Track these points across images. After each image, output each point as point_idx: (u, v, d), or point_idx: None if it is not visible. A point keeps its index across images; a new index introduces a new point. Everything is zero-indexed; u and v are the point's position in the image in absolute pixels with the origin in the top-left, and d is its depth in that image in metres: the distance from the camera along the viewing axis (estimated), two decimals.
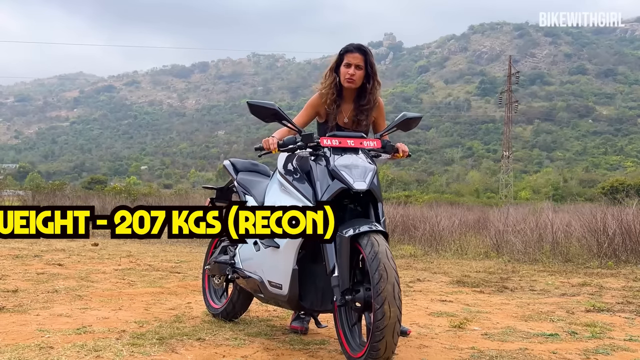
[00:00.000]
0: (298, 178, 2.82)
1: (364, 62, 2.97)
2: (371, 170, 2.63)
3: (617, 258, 6.98)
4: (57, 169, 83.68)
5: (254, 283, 3.00)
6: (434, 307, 4.18)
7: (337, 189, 2.58)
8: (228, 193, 3.75)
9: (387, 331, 2.28)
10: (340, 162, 2.63)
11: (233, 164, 3.63)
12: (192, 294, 4.57)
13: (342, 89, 3.04)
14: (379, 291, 2.29)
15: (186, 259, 7.07)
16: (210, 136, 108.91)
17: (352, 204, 2.71)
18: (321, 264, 2.64)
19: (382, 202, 2.72)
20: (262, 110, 2.77)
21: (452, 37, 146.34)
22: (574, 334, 3.33)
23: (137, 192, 21.33)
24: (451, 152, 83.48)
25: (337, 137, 2.73)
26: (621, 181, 34.28)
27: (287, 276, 2.68)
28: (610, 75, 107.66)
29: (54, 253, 7.15)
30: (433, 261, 7.42)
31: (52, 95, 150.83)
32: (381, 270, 2.31)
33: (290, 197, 2.81)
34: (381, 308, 2.28)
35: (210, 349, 2.82)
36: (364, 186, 2.57)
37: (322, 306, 2.74)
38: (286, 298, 2.72)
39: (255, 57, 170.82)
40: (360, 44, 3.01)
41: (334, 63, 3.03)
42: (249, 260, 3.09)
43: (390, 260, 2.36)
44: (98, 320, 3.41)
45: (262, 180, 3.42)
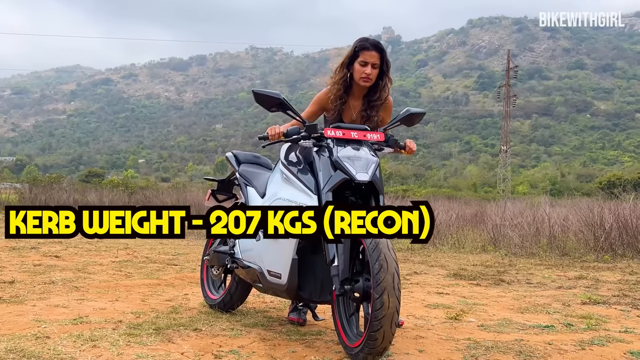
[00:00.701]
0: (301, 169, 2.80)
1: (380, 60, 2.88)
2: (374, 163, 2.62)
3: (613, 252, 7.01)
4: (54, 162, 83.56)
5: (253, 273, 3.00)
6: (430, 299, 4.19)
7: (340, 179, 2.58)
8: (230, 185, 3.73)
9: (385, 321, 2.27)
10: (343, 154, 2.61)
11: (235, 155, 3.63)
12: (189, 285, 4.57)
13: (351, 85, 2.96)
14: (379, 281, 2.28)
15: (183, 252, 7.08)
16: (208, 130, 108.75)
17: (353, 195, 2.69)
18: (321, 255, 2.62)
19: (384, 194, 2.69)
20: (267, 100, 2.74)
21: (451, 31, 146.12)
22: (569, 325, 3.34)
23: (134, 186, 21.29)
24: (449, 146, 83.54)
25: (341, 129, 2.70)
26: (618, 176, 34.38)
27: (286, 266, 2.68)
28: (608, 70, 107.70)
29: (50, 245, 7.14)
30: (430, 254, 7.44)
31: (50, 88, 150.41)
32: (381, 261, 2.31)
33: (292, 187, 2.79)
34: (380, 298, 2.27)
35: (206, 339, 2.83)
36: (366, 177, 2.55)
37: (320, 297, 2.73)
38: (285, 288, 2.72)
39: (253, 51, 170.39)
40: (377, 41, 2.90)
41: (347, 58, 2.91)
42: (249, 251, 3.09)
43: (391, 251, 2.36)
44: (95, 311, 3.41)
45: (264, 172, 3.41)
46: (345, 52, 2.99)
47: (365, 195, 2.69)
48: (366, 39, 2.91)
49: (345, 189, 2.64)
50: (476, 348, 2.79)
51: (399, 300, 2.32)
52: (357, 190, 2.66)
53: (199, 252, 7.05)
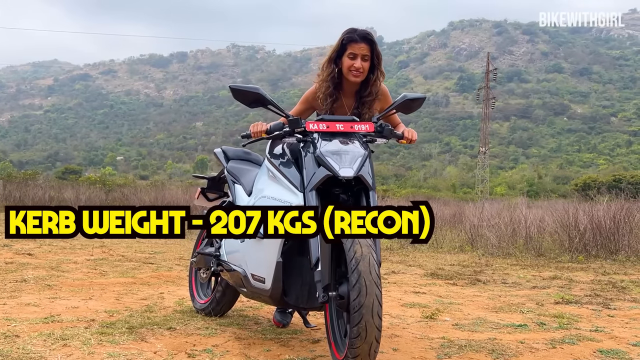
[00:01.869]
0: (286, 163, 2.63)
1: (370, 52, 2.66)
2: (360, 156, 2.41)
3: (587, 253, 7.13)
4: (30, 158, 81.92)
5: (237, 277, 2.81)
6: (407, 299, 4.22)
7: (323, 176, 2.39)
8: (220, 183, 3.57)
9: (365, 311, 2.08)
10: (327, 148, 2.41)
11: (224, 151, 3.44)
12: (165, 284, 4.52)
13: (341, 82, 2.74)
14: (353, 268, 2.13)
15: (160, 250, 7.00)
16: (188, 127, 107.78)
17: (344, 193, 2.49)
18: (308, 257, 2.41)
19: (375, 189, 2.47)
20: (246, 95, 2.57)
21: (432, 33, 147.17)
22: (542, 324, 3.39)
23: (112, 183, 21.00)
24: (429, 147, 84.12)
25: (325, 121, 2.51)
26: (593, 178, 35.03)
27: (270, 269, 2.50)
28: (585, 74, 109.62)
29: (24, 243, 7.00)
30: (409, 254, 7.48)
31: (26, 83, 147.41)
32: (356, 248, 2.17)
33: (278, 184, 2.63)
34: (356, 286, 2.11)
35: (180, 338, 2.80)
36: (350, 173, 2.35)
37: (307, 303, 2.55)
38: (269, 293, 2.53)
39: (235, 48, 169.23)
40: (366, 32, 2.66)
41: (334, 52, 2.68)
42: (234, 253, 2.91)
43: (368, 240, 2.20)
44: (67, 310, 3.35)
45: (253, 169, 3.22)
46: (329, 49, 2.77)
47: (356, 192, 2.48)
48: (354, 29, 2.68)
49: (334, 185, 2.45)
50: (450, 347, 2.81)
51: (379, 289, 2.13)
52: (347, 186, 2.47)
53: (176, 251, 6.98)
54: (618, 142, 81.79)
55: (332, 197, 2.47)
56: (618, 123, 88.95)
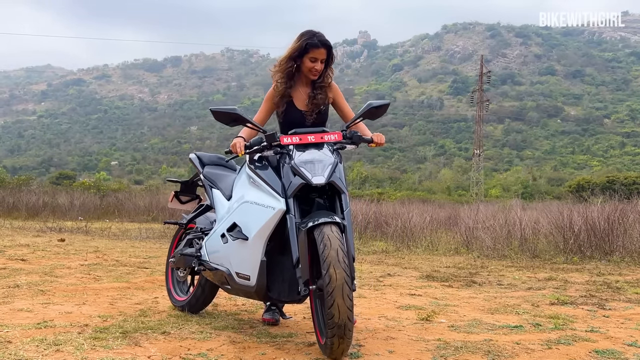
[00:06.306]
0: (267, 172, 2.84)
1: (327, 55, 3.01)
2: (331, 164, 2.69)
3: (582, 254, 7.15)
4: (23, 164, 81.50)
5: (221, 275, 3.01)
6: (402, 301, 4.21)
7: (298, 184, 2.66)
8: (193, 187, 3.73)
9: (336, 293, 2.34)
10: (301, 159, 2.69)
11: (199, 157, 3.61)
12: (160, 289, 4.49)
13: (294, 76, 3.06)
14: (325, 258, 2.40)
15: (155, 255, 6.97)
16: (183, 132, 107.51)
17: (320, 197, 2.77)
18: (288, 255, 2.69)
19: (347, 192, 2.76)
20: (225, 116, 2.83)
21: (426, 36, 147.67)
22: (537, 325, 3.39)
23: (106, 188, 20.95)
24: (424, 150, 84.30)
25: (298, 134, 2.79)
26: (587, 180, 35.15)
27: (255, 267, 2.73)
28: (578, 77, 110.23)
29: (17, 248, 6.96)
30: (404, 257, 7.48)
31: (19, 88, 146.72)
32: (325, 240, 2.43)
33: (259, 190, 2.83)
34: (327, 272, 2.37)
35: (174, 343, 2.78)
36: (322, 180, 2.64)
37: (288, 296, 2.79)
38: (254, 289, 2.76)
39: (229, 53, 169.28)
40: (325, 39, 2.99)
41: (296, 52, 2.98)
42: (216, 253, 3.09)
43: (335, 233, 2.46)
44: (60, 315, 3.32)
45: (229, 174, 3.42)
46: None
47: (330, 195, 2.77)
48: (313, 34, 2.98)
49: (310, 191, 2.73)
50: (446, 348, 2.80)
51: (347, 274, 2.39)
52: (322, 191, 2.75)
53: None
54: (611, 143, 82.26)
55: (310, 202, 2.75)
56: (611, 125, 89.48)
